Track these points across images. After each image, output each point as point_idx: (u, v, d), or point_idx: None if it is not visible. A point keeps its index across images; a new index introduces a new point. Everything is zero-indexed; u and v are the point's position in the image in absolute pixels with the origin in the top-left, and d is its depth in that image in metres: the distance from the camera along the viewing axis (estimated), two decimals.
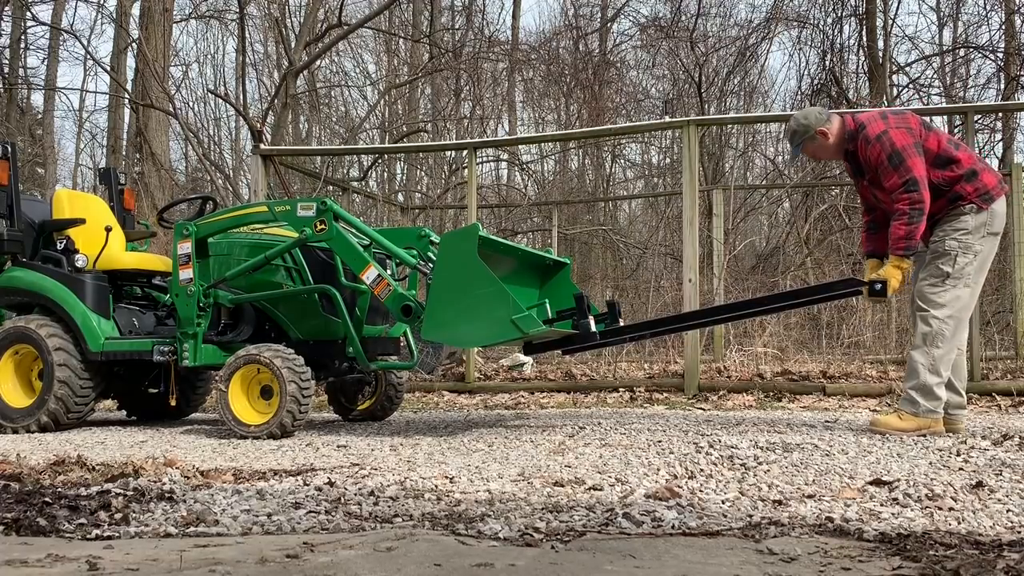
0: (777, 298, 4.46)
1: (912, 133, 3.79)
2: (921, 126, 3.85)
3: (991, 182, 3.81)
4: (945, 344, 3.78)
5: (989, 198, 3.79)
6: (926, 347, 3.78)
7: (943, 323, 3.77)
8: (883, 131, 3.78)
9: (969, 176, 3.78)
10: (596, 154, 14.77)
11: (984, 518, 2.10)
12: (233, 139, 19.55)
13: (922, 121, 3.90)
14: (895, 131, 3.77)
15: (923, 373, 3.78)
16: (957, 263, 3.78)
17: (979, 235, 3.79)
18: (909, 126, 3.82)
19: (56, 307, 4.72)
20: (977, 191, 3.77)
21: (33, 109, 19.77)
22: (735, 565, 1.68)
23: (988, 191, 3.79)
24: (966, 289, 3.80)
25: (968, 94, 14.46)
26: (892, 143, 3.74)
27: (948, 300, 3.78)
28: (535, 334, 3.68)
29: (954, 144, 3.87)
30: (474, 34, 17.31)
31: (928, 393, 3.77)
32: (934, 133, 3.84)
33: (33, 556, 1.77)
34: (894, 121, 3.84)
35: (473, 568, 1.65)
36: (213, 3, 18.26)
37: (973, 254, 3.79)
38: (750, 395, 5.86)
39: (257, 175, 7.10)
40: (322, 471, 2.92)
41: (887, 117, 3.88)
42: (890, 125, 3.80)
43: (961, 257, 3.78)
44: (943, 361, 3.78)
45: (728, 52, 15.12)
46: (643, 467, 2.90)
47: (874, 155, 3.80)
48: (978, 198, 3.77)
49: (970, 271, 3.79)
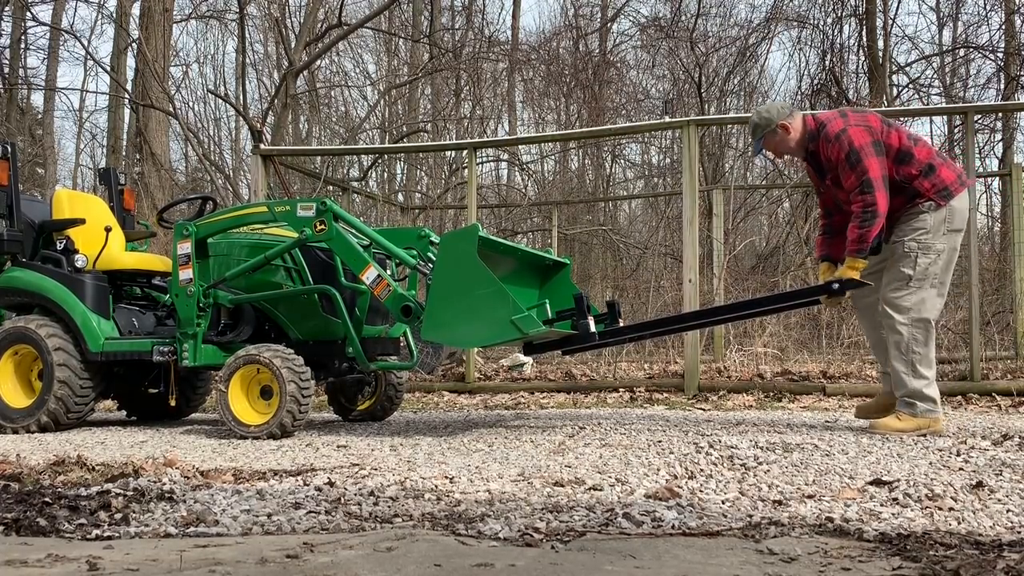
0: (765, 301, 4.46)
1: (872, 131, 3.79)
2: (882, 124, 3.86)
3: (950, 178, 3.80)
4: (920, 346, 3.78)
5: (948, 194, 3.78)
6: (903, 355, 3.79)
7: (912, 328, 3.77)
8: (842, 129, 3.78)
9: (926, 171, 3.77)
10: (596, 154, 14.77)
11: (984, 518, 2.10)
12: (233, 139, 19.56)
13: (883, 119, 3.91)
14: (854, 129, 3.77)
15: (908, 381, 3.80)
16: (919, 264, 3.77)
17: (939, 233, 3.78)
18: (869, 124, 3.82)
19: (56, 307, 4.72)
20: (934, 187, 3.77)
21: (33, 109, 19.77)
22: (735, 565, 1.68)
23: (946, 187, 3.78)
24: (932, 290, 3.80)
25: (968, 94, 14.47)
26: (850, 141, 3.74)
27: (913, 303, 3.78)
28: (535, 334, 3.68)
29: (913, 139, 3.87)
30: (474, 34, 17.32)
31: (920, 396, 3.79)
32: (895, 130, 3.85)
33: (33, 556, 1.77)
34: (854, 119, 3.85)
35: (473, 568, 1.65)
36: (213, 3, 18.28)
37: (935, 253, 3.77)
38: (750, 395, 5.85)
39: (257, 175, 7.09)
40: (322, 471, 2.92)
41: (847, 115, 3.89)
42: (849, 123, 3.80)
43: (922, 258, 3.77)
44: (924, 362, 3.79)
45: (728, 52, 15.12)
46: (643, 467, 2.90)
47: (834, 153, 3.80)
48: (936, 195, 3.77)
49: (934, 271, 3.78)
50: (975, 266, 5.65)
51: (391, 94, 14.95)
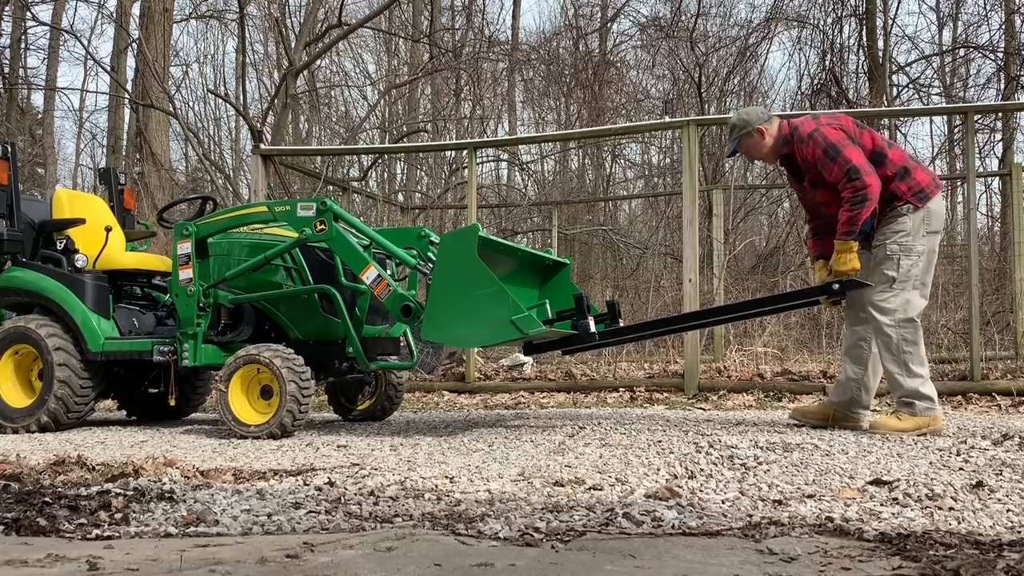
0: (765, 302, 4.50)
1: (844, 129, 3.87)
2: (855, 125, 3.94)
3: (924, 180, 3.87)
4: (911, 346, 3.82)
5: (924, 196, 3.84)
6: (895, 356, 3.84)
7: (899, 328, 3.82)
8: (815, 128, 3.87)
9: (902, 174, 3.84)
10: (596, 154, 14.77)
11: (984, 518, 2.10)
12: (233, 139, 19.57)
13: (855, 121, 3.99)
14: (826, 128, 3.86)
15: (904, 381, 3.83)
16: (901, 266, 3.83)
17: (919, 235, 3.84)
18: (840, 124, 3.91)
19: (56, 307, 4.71)
20: (911, 189, 3.83)
21: (33, 109, 19.76)
22: (735, 565, 1.68)
23: (922, 189, 3.84)
24: (914, 291, 3.85)
25: (968, 94, 14.48)
26: (825, 137, 3.81)
27: (898, 305, 3.83)
28: (535, 335, 3.68)
29: (887, 143, 3.95)
30: (474, 34, 17.31)
31: (917, 395, 3.83)
32: (867, 132, 3.92)
33: (33, 556, 1.77)
34: (825, 120, 3.94)
35: (473, 568, 1.65)
36: (213, 3, 18.28)
37: (916, 255, 3.84)
38: (750, 395, 5.85)
39: (257, 175, 7.09)
40: (322, 471, 2.92)
41: (818, 117, 3.99)
42: (821, 123, 3.89)
43: (904, 260, 3.83)
44: (916, 360, 3.83)
45: (728, 52, 15.13)
46: (643, 467, 2.90)
47: (810, 152, 3.86)
48: (913, 196, 3.83)
49: (916, 272, 3.84)
50: (975, 266, 5.64)
51: (391, 94, 14.95)
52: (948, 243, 11.74)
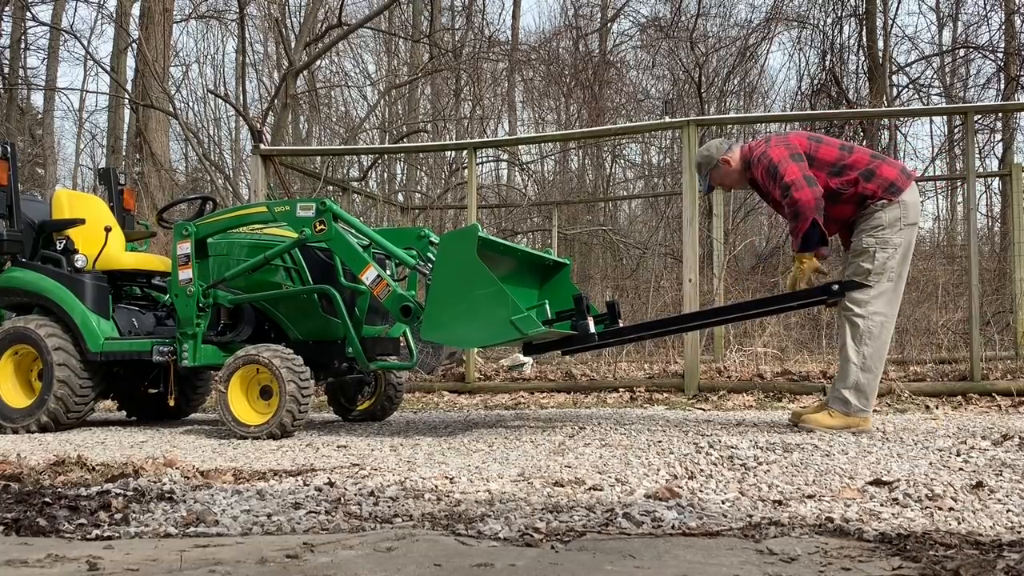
0: (765, 303, 4.53)
1: (790, 147, 3.94)
2: (808, 140, 4.01)
3: (892, 174, 3.90)
4: (874, 341, 3.86)
5: (896, 189, 3.88)
6: (856, 346, 3.88)
7: (869, 320, 3.87)
8: (763, 151, 3.98)
9: (867, 176, 3.89)
10: (596, 154, 14.77)
11: (984, 518, 2.10)
12: (233, 139, 19.57)
13: (809, 136, 4.08)
14: (773, 148, 3.96)
15: (855, 372, 3.88)
16: (877, 259, 3.88)
17: (895, 228, 3.88)
18: (788, 142, 3.99)
19: (56, 307, 4.72)
20: (881, 187, 3.88)
21: (33, 109, 19.77)
22: (735, 565, 1.68)
23: (892, 183, 3.88)
24: (889, 284, 3.90)
25: (968, 94, 14.48)
26: (769, 159, 3.93)
27: (872, 297, 3.88)
28: (534, 335, 3.68)
29: (847, 149, 4.01)
30: (474, 34, 17.32)
31: (860, 392, 3.88)
32: (825, 145, 3.99)
33: (33, 556, 1.77)
34: (774, 140, 4.03)
35: (473, 568, 1.65)
36: (213, 3, 18.28)
37: (893, 248, 3.88)
38: (750, 395, 5.85)
39: (257, 175, 7.09)
40: (322, 471, 2.92)
41: (769, 139, 4.07)
42: (770, 145, 3.99)
43: (880, 252, 3.88)
44: (874, 358, 3.87)
45: (728, 52, 15.14)
46: (643, 467, 2.90)
47: (759, 173, 4.01)
48: (885, 192, 3.87)
49: (892, 265, 3.89)
50: (975, 266, 5.65)
51: (391, 94, 14.95)
52: (948, 243, 11.74)
